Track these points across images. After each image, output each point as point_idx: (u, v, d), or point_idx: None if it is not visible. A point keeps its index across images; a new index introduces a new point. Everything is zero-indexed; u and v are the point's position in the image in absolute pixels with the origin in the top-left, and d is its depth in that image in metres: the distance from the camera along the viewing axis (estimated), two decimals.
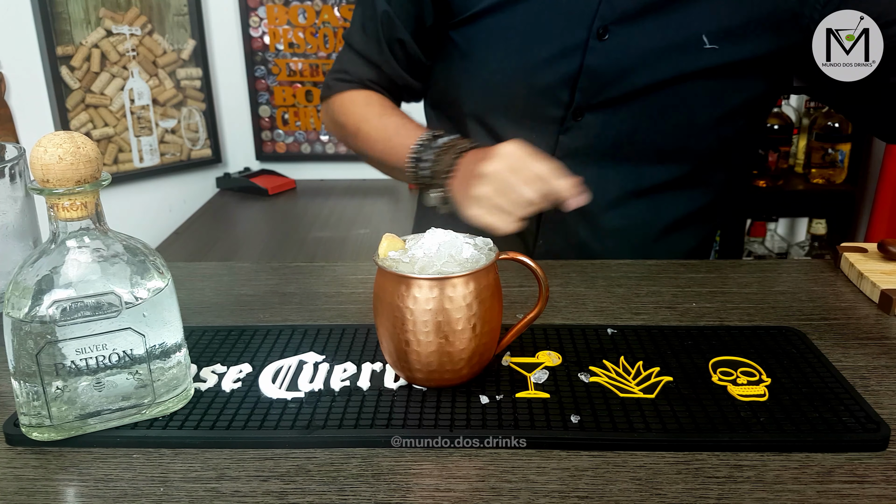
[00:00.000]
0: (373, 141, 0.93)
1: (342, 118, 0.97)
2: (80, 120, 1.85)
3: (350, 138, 0.97)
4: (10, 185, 0.73)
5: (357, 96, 0.97)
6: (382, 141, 0.91)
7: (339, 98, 0.98)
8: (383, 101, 0.96)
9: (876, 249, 0.84)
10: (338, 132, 1.01)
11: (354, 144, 0.98)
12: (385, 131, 0.92)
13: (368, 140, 0.94)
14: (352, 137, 0.97)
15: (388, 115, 0.93)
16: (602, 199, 0.88)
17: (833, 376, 0.60)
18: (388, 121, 0.92)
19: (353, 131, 0.95)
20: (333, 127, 1.02)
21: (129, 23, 1.89)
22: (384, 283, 0.58)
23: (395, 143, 0.89)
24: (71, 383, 0.53)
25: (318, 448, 0.54)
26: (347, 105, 0.97)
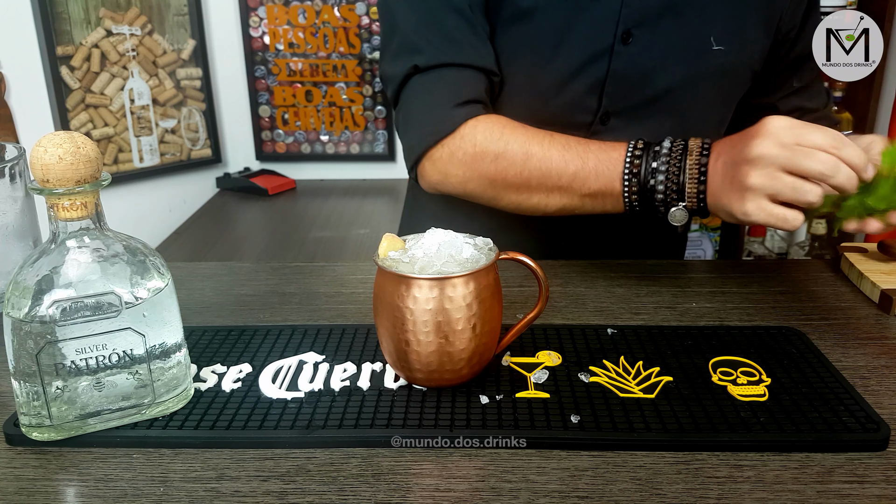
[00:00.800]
0: (556, 164, 0.77)
1: (499, 145, 0.78)
2: (80, 120, 1.85)
3: (514, 169, 0.78)
4: (10, 185, 0.73)
5: (498, 118, 0.81)
6: (574, 162, 0.76)
7: (473, 126, 0.79)
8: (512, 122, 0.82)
9: (876, 249, 0.84)
10: (484, 169, 0.80)
11: (519, 177, 0.78)
12: (571, 148, 0.77)
13: (548, 164, 0.77)
14: (518, 166, 0.78)
15: (552, 133, 0.79)
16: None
17: (833, 376, 0.60)
18: (564, 138, 0.78)
19: (521, 157, 0.78)
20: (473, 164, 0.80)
21: (129, 23, 1.89)
22: (384, 283, 0.58)
23: (591, 159, 0.76)
24: (71, 383, 0.53)
25: (318, 448, 0.54)
26: (499, 127, 0.79)
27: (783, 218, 0.64)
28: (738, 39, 0.86)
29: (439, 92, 0.81)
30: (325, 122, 2.18)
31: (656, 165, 0.72)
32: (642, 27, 0.84)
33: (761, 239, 2.25)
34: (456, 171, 0.81)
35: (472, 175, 0.81)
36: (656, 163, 0.72)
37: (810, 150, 0.62)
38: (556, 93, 0.86)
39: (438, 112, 0.80)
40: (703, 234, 2.25)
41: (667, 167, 0.72)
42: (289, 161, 2.22)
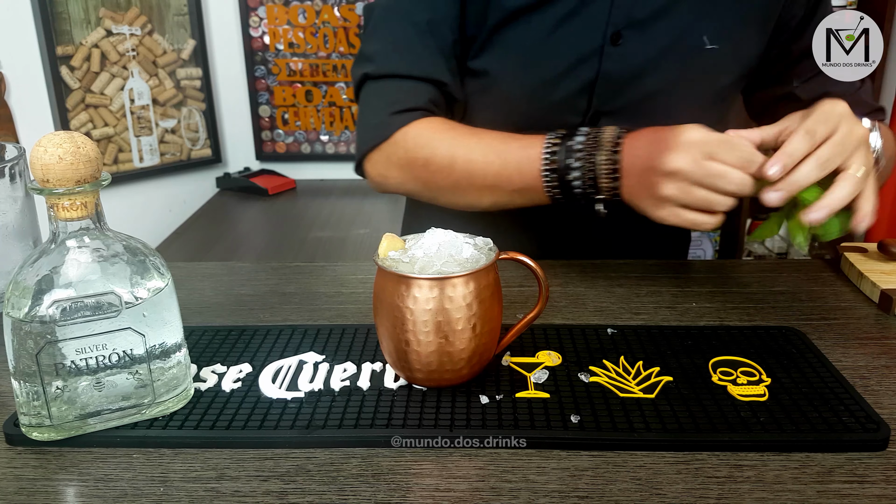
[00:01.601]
0: (480, 165, 0.79)
1: (424, 150, 0.82)
2: (80, 120, 1.85)
3: (442, 172, 0.81)
4: (10, 185, 0.73)
5: (432, 122, 0.83)
6: (496, 162, 0.78)
7: (406, 132, 0.83)
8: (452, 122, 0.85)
9: (876, 249, 0.84)
10: (417, 173, 0.84)
11: (449, 179, 0.81)
12: (492, 149, 0.79)
13: (472, 166, 0.79)
14: (445, 170, 0.81)
15: (483, 132, 0.81)
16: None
17: (833, 376, 0.60)
18: (489, 138, 0.80)
19: (447, 161, 0.80)
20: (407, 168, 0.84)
21: (129, 23, 1.89)
22: (384, 283, 0.58)
23: (512, 159, 0.77)
24: (71, 383, 0.53)
25: (318, 448, 0.54)
26: (428, 133, 0.82)
27: (696, 222, 0.68)
28: (733, 38, 0.86)
29: (381, 100, 0.85)
30: (325, 122, 2.18)
31: (570, 162, 0.74)
32: (633, 28, 0.84)
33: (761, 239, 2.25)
34: (393, 174, 0.86)
35: (408, 178, 0.85)
36: (570, 159, 0.74)
37: (722, 169, 0.65)
38: (545, 93, 0.86)
39: (377, 118, 0.85)
40: (703, 234, 2.25)
41: (581, 164, 0.73)
42: (289, 161, 2.22)
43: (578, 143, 0.74)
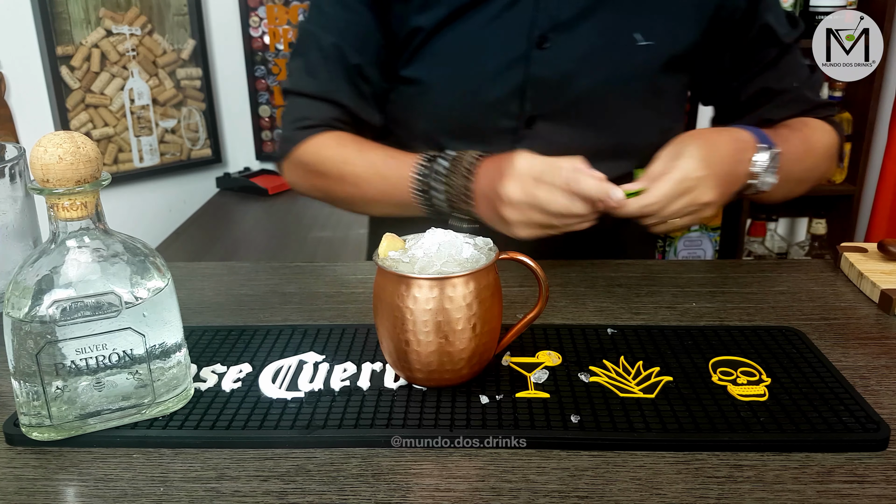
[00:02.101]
0: (363, 181, 0.85)
1: (318, 166, 0.89)
2: (80, 120, 1.85)
3: (334, 185, 0.88)
4: (10, 185, 0.73)
5: (326, 139, 0.89)
6: (376, 179, 0.84)
7: (305, 147, 0.89)
8: (356, 137, 0.90)
9: (876, 249, 0.84)
10: (314, 183, 0.91)
11: (340, 191, 0.88)
12: (374, 167, 0.85)
13: (358, 181, 0.85)
14: (336, 183, 0.88)
15: (369, 149, 0.87)
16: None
17: (833, 376, 0.60)
18: (373, 155, 0.86)
19: (336, 176, 0.87)
20: (307, 178, 0.92)
21: (129, 23, 1.89)
22: (384, 283, 0.58)
23: (390, 177, 0.83)
24: (71, 383, 0.53)
25: (318, 448, 0.54)
26: (319, 151, 0.89)
27: (547, 234, 0.72)
28: (667, 32, 0.86)
29: (290, 115, 0.93)
30: None
31: (434, 184, 0.79)
32: (558, 31, 0.85)
33: (761, 239, 2.25)
34: (298, 181, 0.94)
35: (310, 187, 0.92)
36: (434, 181, 0.79)
37: (549, 191, 0.69)
38: (476, 99, 0.87)
39: (286, 132, 0.92)
40: (703, 234, 2.25)
41: (443, 187, 0.78)
42: None
43: (442, 167, 0.79)
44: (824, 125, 0.91)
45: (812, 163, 0.88)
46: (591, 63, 0.86)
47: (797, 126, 0.89)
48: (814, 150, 0.88)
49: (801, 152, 0.85)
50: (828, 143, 0.90)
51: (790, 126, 0.89)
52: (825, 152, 0.89)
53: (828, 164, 0.91)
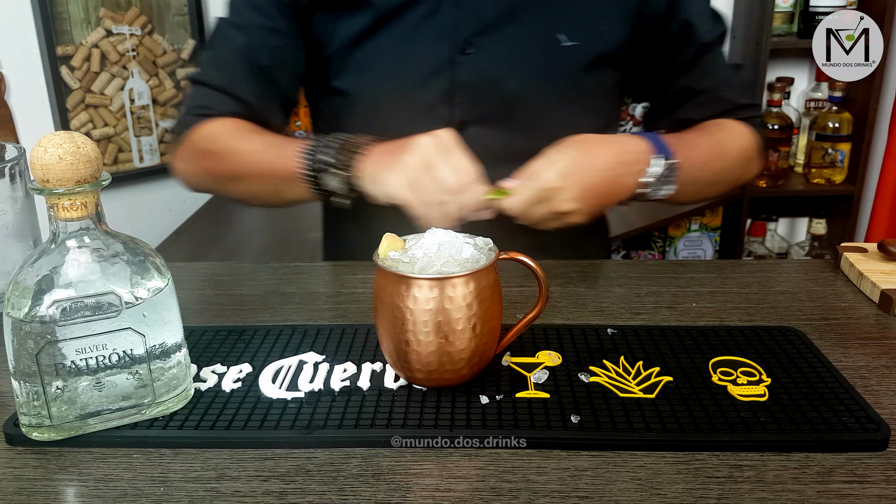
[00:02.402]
0: (247, 153, 0.85)
1: (208, 144, 0.89)
2: (80, 120, 1.85)
3: (219, 162, 0.88)
4: (10, 185, 0.73)
5: (227, 123, 0.90)
6: (262, 149, 0.85)
7: (200, 128, 0.89)
8: (256, 126, 0.90)
9: (876, 249, 0.84)
10: (201, 164, 0.90)
11: (225, 166, 0.88)
12: (263, 141, 0.86)
13: (242, 154, 0.86)
14: (220, 159, 0.87)
15: (265, 132, 0.88)
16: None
17: (833, 376, 0.60)
18: (267, 135, 0.87)
19: (223, 151, 0.87)
20: (194, 161, 0.91)
21: (129, 23, 1.89)
22: (384, 283, 0.58)
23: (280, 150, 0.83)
24: (71, 383, 0.53)
25: (318, 448, 0.54)
26: (215, 131, 0.89)
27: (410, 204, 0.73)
28: (592, 32, 0.86)
29: (189, 102, 0.93)
30: None
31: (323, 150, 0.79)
32: (482, 35, 0.85)
33: (761, 239, 2.25)
34: (187, 168, 0.93)
35: (198, 170, 0.92)
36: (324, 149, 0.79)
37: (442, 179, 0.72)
38: (403, 106, 0.87)
39: (181, 117, 0.93)
40: (703, 234, 2.25)
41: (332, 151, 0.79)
42: None
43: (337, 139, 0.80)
44: (741, 127, 0.91)
45: (722, 166, 0.89)
46: (517, 66, 0.87)
47: (710, 129, 0.90)
48: (724, 154, 0.89)
49: (708, 157, 0.86)
50: (742, 145, 0.90)
51: (703, 129, 0.90)
52: (738, 155, 0.90)
53: (743, 167, 0.92)
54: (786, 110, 2.10)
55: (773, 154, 2.08)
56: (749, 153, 0.91)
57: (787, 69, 2.19)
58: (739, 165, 0.91)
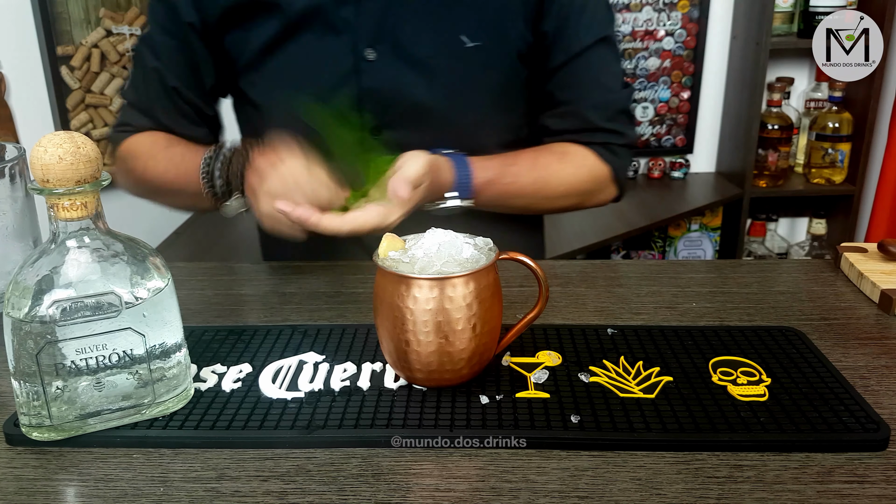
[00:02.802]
0: (162, 172, 0.89)
1: (131, 162, 0.93)
2: (80, 120, 1.85)
3: (141, 178, 0.92)
4: (10, 185, 0.73)
5: (141, 138, 0.94)
6: (173, 169, 0.88)
7: (124, 145, 0.95)
8: (169, 137, 0.94)
9: (876, 249, 0.84)
10: (131, 179, 0.95)
11: (145, 183, 0.93)
12: (172, 160, 0.89)
13: (157, 172, 0.90)
14: (141, 176, 0.92)
15: (175, 145, 0.91)
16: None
17: (833, 376, 0.60)
18: (175, 150, 0.90)
19: (141, 170, 0.91)
20: (126, 177, 0.96)
21: (129, 23, 1.89)
22: (384, 283, 0.58)
23: (184, 167, 0.86)
24: (71, 383, 0.53)
25: (318, 448, 0.54)
26: (132, 148, 0.94)
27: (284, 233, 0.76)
28: (496, 31, 0.86)
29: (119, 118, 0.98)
30: None
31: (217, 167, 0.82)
32: (382, 42, 0.86)
33: (761, 239, 2.25)
34: (121, 180, 0.97)
35: (129, 184, 0.96)
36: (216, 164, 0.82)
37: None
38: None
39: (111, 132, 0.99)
40: (703, 234, 2.25)
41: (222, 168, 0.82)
42: None
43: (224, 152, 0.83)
44: (584, 154, 0.91)
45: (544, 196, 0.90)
46: (421, 70, 0.87)
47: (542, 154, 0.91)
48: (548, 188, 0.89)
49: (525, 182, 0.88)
50: (575, 175, 0.90)
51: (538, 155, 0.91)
52: (568, 185, 0.90)
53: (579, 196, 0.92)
54: (786, 110, 2.10)
55: (772, 154, 2.08)
56: (586, 185, 0.91)
57: (787, 69, 2.19)
58: (573, 195, 0.92)
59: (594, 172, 0.91)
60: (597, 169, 0.91)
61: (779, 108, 2.07)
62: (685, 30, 2.19)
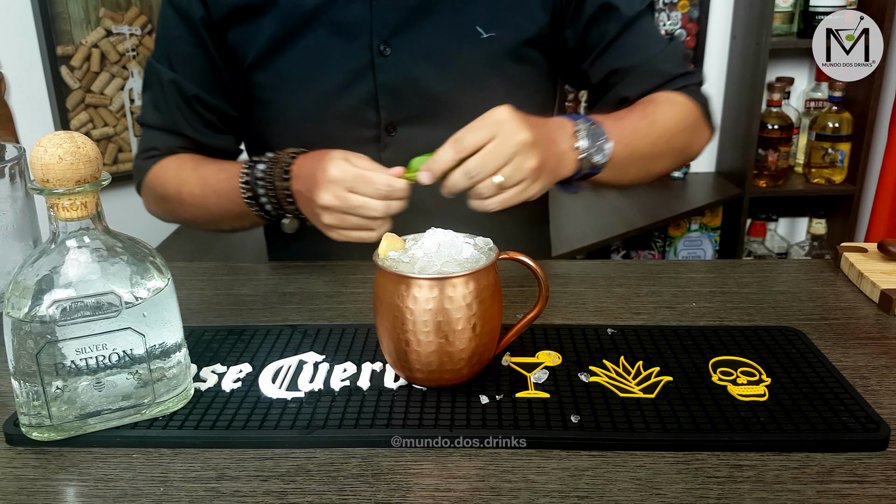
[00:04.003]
0: (199, 198, 0.88)
1: (161, 191, 0.92)
2: (80, 120, 1.85)
3: (177, 206, 0.92)
4: (10, 185, 0.73)
5: (167, 163, 0.93)
6: (212, 196, 0.87)
7: (151, 174, 0.94)
8: (194, 156, 0.93)
9: (876, 249, 0.84)
10: (163, 208, 0.95)
11: (184, 212, 0.92)
12: (206, 183, 0.87)
13: (195, 199, 0.88)
14: (177, 204, 0.91)
15: (203, 166, 0.90)
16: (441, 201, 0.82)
17: (833, 376, 0.60)
18: (206, 171, 0.89)
19: (176, 197, 0.90)
20: (157, 205, 0.95)
21: (129, 22, 1.89)
22: (384, 283, 0.58)
23: (222, 191, 0.85)
24: (71, 383, 0.53)
25: (318, 448, 0.54)
26: (161, 176, 0.92)
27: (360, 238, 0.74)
28: (510, 20, 0.86)
29: (141, 145, 0.96)
30: None
31: (258, 190, 0.82)
32: (398, 36, 0.85)
33: (761, 239, 2.25)
34: (153, 208, 0.97)
35: (162, 213, 0.96)
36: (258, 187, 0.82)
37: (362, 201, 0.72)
38: (327, 112, 0.87)
39: (136, 162, 0.97)
40: (703, 234, 2.25)
41: (265, 190, 0.82)
42: None
43: (260, 171, 0.82)
44: (674, 97, 0.88)
45: (658, 135, 0.84)
46: (438, 63, 0.86)
47: (639, 104, 0.87)
48: (658, 123, 0.84)
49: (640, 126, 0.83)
50: (678, 114, 0.87)
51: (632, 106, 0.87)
52: (676, 124, 0.86)
53: (686, 136, 0.88)
54: (786, 110, 2.10)
55: (772, 154, 2.08)
56: (689, 121, 0.88)
57: (787, 69, 2.19)
58: (680, 134, 0.88)
59: (689, 108, 0.88)
60: (689, 106, 0.88)
61: (779, 107, 2.07)
62: (685, 30, 2.19)
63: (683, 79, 0.90)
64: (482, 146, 0.68)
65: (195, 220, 0.94)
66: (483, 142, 0.68)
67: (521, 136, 0.68)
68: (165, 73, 0.91)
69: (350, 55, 0.86)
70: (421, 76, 0.86)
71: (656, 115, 0.85)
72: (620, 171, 0.81)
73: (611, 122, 0.79)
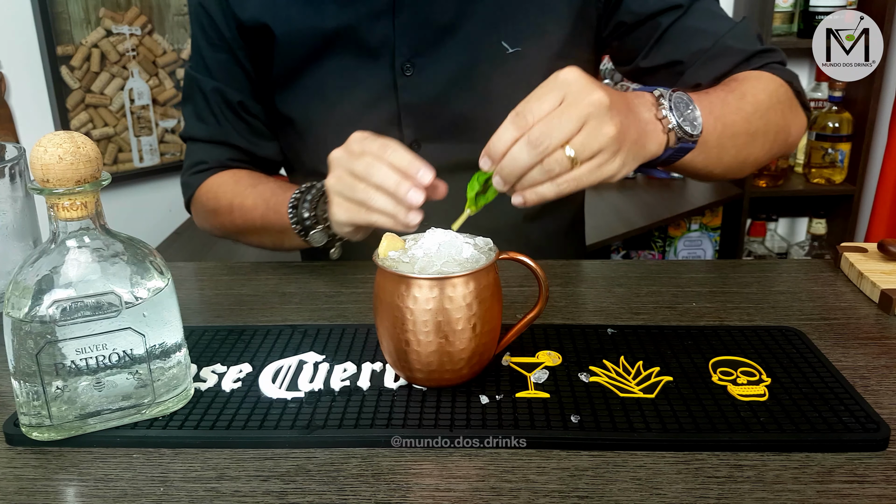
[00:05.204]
0: (249, 209, 0.87)
1: (214, 203, 0.91)
2: (80, 120, 1.85)
3: (226, 218, 0.90)
4: (10, 185, 0.73)
5: (224, 177, 0.92)
6: (262, 204, 0.85)
7: (204, 186, 0.93)
8: (252, 173, 0.92)
9: (876, 249, 0.84)
10: (213, 221, 0.93)
11: (232, 223, 0.90)
12: (262, 196, 0.86)
13: (245, 210, 0.87)
14: (227, 215, 0.90)
15: (263, 182, 0.89)
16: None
17: (833, 376, 0.60)
18: (264, 187, 0.88)
19: (227, 208, 0.89)
20: (207, 218, 0.94)
21: (129, 22, 1.89)
22: (384, 283, 0.58)
23: (274, 202, 0.83)
24: (71, 383, 0.53)
25: (318, 448, 0.54)
26: (216, 188, 0.91)
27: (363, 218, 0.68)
28: (536, 34, 0.84)
29: (188, 160, 0.95)
30: None
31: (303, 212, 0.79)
32: (422, 55, 0.84)
33: (761, 239, 2.25)
34: (203, 223, 0.96)
35: (212, 225, 0.95)
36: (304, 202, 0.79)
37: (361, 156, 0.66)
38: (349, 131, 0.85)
39: (184, 178, 0.96)
40: (703, 234, 2.25)
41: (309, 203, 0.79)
42: None
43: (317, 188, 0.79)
44: (759, 73, 0.81)
45: (751, 110, 0.76)
46: (463, 80, 0.85)
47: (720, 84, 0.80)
48: (748, 97, 0.76)
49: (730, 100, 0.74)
50: (766, 88, 0.79)
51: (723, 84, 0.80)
52: (768, 98, 0.78)
53: (781, 113, 0.80)
54: None
55: None
56: (783, 96, 0.79)
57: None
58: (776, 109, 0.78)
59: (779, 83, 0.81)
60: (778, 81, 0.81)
61: None
62: None
63: (762, 56, 0.82)
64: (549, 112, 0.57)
65: (241, 231, 0.91)
66: (550, 110, 0.57)
67: (595, 95, 0.56)
68: (207, 82, 0.90)
69: (373, 75, 0.85)
70: (443, 95, 0.85)
71: (745, 89, 0.77)
72: (715, 153, 0.71)
73: (696, 95, 0.70)
